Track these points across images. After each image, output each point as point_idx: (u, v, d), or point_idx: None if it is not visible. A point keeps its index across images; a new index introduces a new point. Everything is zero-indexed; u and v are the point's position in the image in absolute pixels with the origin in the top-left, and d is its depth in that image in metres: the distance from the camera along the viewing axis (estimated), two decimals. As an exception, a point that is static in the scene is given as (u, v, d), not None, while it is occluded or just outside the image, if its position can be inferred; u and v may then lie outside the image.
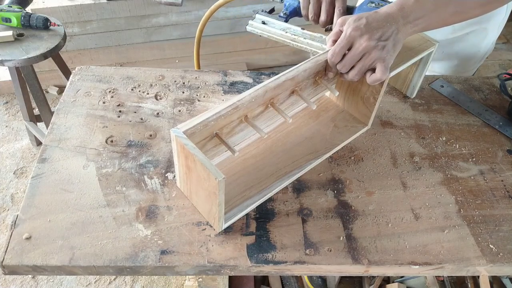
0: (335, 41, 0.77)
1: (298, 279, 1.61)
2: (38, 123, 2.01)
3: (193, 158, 0.62)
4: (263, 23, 0.96)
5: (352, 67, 0.76)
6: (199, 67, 1.27)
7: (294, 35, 0.92)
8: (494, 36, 1.14)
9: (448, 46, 1.11)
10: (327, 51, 0.77)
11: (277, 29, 0.94)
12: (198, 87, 0.97)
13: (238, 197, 0.75)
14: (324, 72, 0.82)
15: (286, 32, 0.93)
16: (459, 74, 1.17)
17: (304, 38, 0.91)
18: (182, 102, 0.93)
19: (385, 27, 0.73)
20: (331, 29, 0.94)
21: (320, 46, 0.88)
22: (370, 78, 0.76)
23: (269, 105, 0.77)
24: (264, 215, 0.74)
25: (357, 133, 0.89)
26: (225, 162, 0.80)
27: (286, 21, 0.96)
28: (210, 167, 0.60)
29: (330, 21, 0.89)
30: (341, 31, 0.76)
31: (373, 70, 0.76)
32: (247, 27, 0.98)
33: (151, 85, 0.97)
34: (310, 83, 0.82)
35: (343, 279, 1.63)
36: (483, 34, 1.10)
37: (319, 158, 0.83)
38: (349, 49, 0.74)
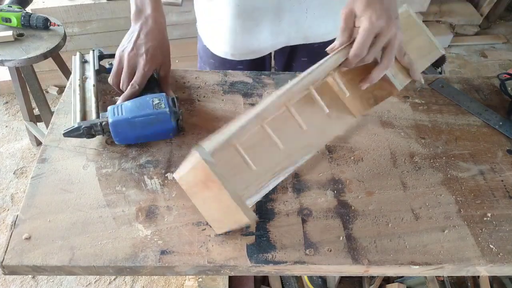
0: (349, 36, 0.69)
1: (298, 279, 1.61)
2: (38, 123, 2.01)
3: (220, 188, 0.56)
4: None
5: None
6: None
7: None
8: None
9: None
10: (340, 48, 0.69)
11: None
12: (198, 87, 0.97)
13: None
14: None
15: None
16: None
17: None
18: (182, 102, 0.93)
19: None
20: None
21: None
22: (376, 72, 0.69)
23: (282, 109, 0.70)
24: (264, 215, 0.74)
25: (347, 125, 0.82)
26: None
27: None
28: (243, 206, 0.56)
29: None
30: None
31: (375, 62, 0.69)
32: None
33: (151, 85, 0.96)
34: (321, 81, 0.76)
35: (343, 279, 1.63)
36: None
37: (312, 152, 0.77)
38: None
